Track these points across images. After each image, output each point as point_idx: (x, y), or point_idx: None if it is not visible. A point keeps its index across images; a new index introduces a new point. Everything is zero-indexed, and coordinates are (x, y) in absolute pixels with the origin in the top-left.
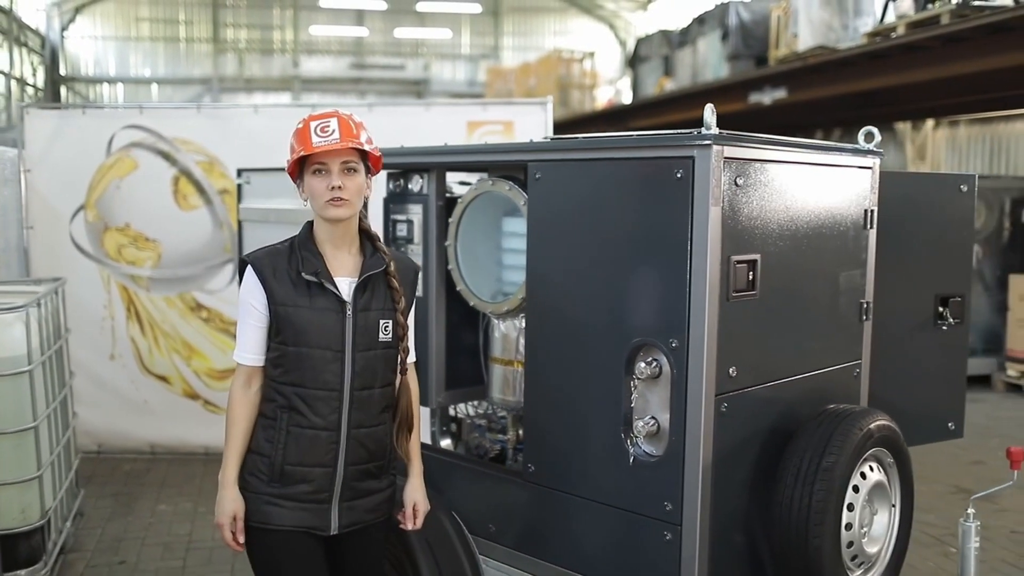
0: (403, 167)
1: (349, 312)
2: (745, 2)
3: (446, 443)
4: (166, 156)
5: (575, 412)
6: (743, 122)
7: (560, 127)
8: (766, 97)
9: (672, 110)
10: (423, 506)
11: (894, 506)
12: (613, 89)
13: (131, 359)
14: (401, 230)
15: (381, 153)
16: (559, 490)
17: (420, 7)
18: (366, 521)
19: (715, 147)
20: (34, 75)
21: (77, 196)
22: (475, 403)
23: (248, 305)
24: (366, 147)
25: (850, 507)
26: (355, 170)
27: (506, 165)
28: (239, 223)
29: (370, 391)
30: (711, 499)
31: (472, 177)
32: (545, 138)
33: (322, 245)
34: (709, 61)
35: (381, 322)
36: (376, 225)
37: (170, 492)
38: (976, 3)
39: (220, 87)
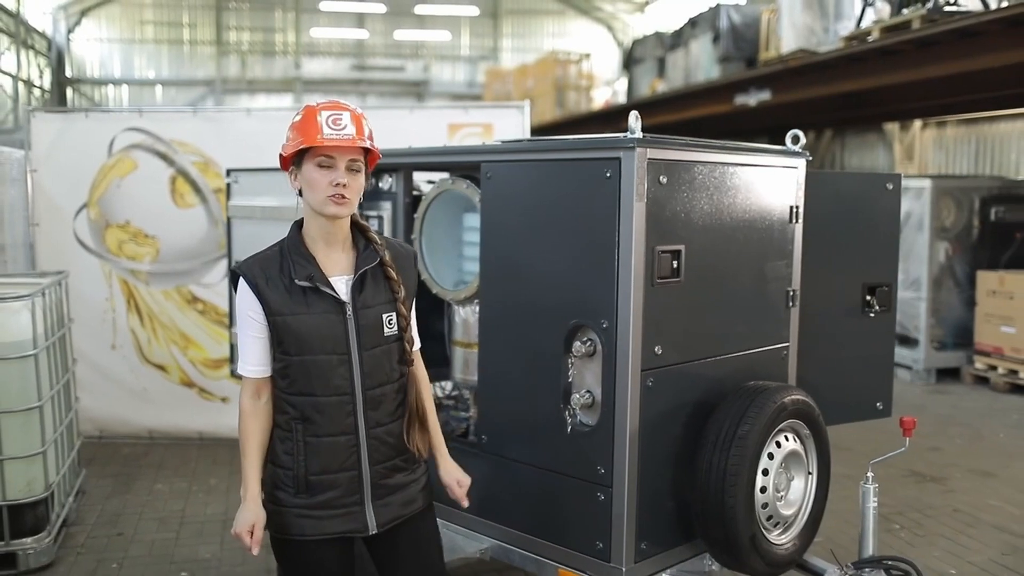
0: (378, 166)
1: (349, 312)
2: (736, 5)
3: None
4: (164, 157)
5: (522, 387)
6: (733, 123)
7: (557, 127)
8: (751, 99)
9: (663, 111)
10: (466, 480)
11: (811, 473)
12: (610, 90)
13: (131, 349)
14: (372, 225)
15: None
16: (508, 458)
17: (419, 10)
18: (405, 515)
19: (638, 150)
20: (40, 77)
21: (80, 195)
22: (441, 384)
23: (246, 316)
24: (370, 145)
25: (764, 472)
26: (359, 170)
27: (464, 165)
28: (228, 220)
29: (382, 388)
30: (638, 463)
31: (438, 177)
32: (497, 141)
33: (314, 243)
34: (701, 63)
35: (384, 316)
36: None
37: (166, 473)
38: (949, 8)
39: (223, 88)
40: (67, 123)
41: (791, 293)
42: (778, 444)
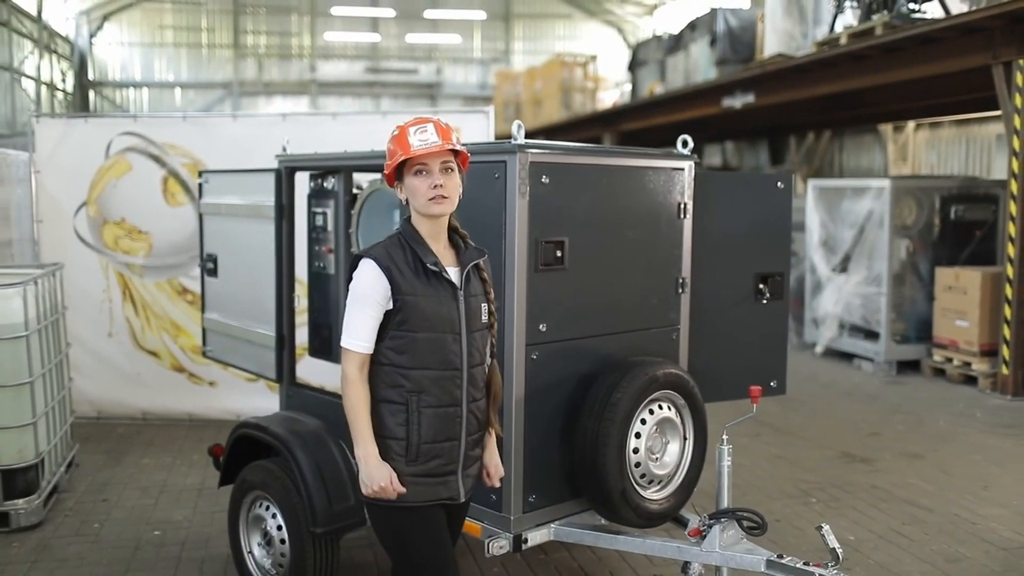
0: (321, 169)
1: (461, 297)
2: (733, 9)
3: None
4: (156, 159)
5: None
6: (728, 124)
7: (560, 128)
8: (737, 101)
9: (658, 113)
10: (500, 472)
11: (687, 439)
12: (619, 92)
13: (126, 337)
14: (319, 221)
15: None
16: None
17: (429, 14)
18: (473, 487)
19: (519, 154)
20: (64, 81)
21: (80, 194)
22: None
23: (367, 297)
24: (459, 147)
25: (637, 435)
26: (452, 169)
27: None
28: (200, 216)
29: (478, 367)
30: (525, 426)
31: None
32: None
33: (426, 239)
34: (700, 66)
35: (482, 306)
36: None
37: (155, 450)
38: (916, 15)
39: (240, 91)
40: (68, 128)
41: (680, 281)
42: (651, 411)
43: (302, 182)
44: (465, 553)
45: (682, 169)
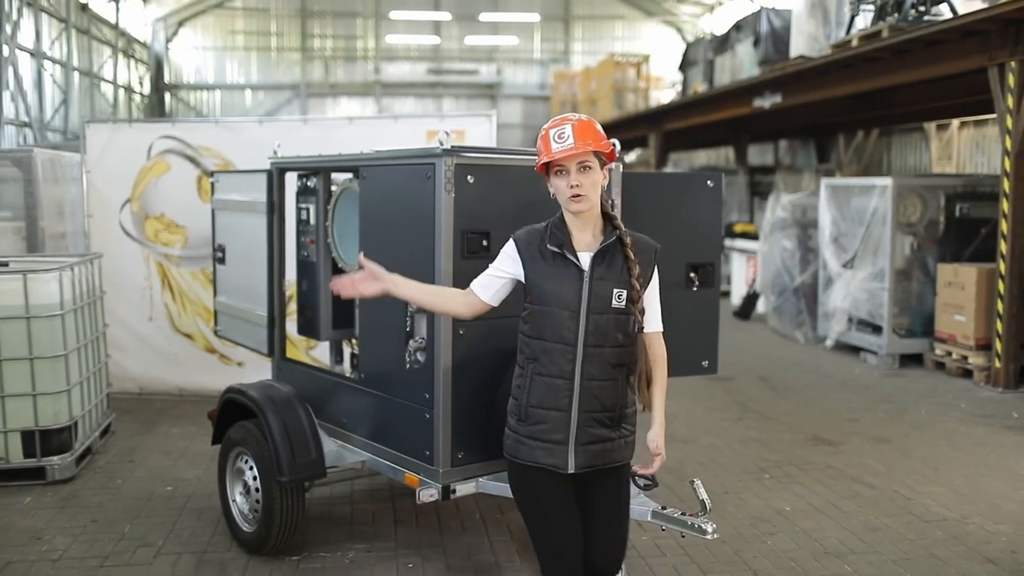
0: (305, 169)
1: (586, 279)
2: (776, 9)
3: (339, 369)
4: (192, 160)
5: (383, 336)
6: (766, 125)
7: (611, 127)
8: (766, 102)
9: (697, 113)
10: (660, 454)
11: None
12: (673, 91)
13: (165, 320)
14: (304, 215)
15: (613, 147)
16: (374, 390)
17: (484, 17)
18: (599, 465)
19: (445, 158)
20: (141, 84)
21: (125, 191)
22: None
23: (500, 260)
24: (591, 147)
25: None
26: (591, 167)
27: (356, 168)
28: (212, 211)
29: (601, 349)
30: (452, 391)
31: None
32: (372, 151)
33: (571, 226)
34: (744, 66)
35: (615, 290)
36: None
37: (184, 421)
38: (927, 18)
39: (308, 92)
40: (114, 132)
41: None
42: None
43: (290, 179)
44: (430, 511)
45: (610, 168)
